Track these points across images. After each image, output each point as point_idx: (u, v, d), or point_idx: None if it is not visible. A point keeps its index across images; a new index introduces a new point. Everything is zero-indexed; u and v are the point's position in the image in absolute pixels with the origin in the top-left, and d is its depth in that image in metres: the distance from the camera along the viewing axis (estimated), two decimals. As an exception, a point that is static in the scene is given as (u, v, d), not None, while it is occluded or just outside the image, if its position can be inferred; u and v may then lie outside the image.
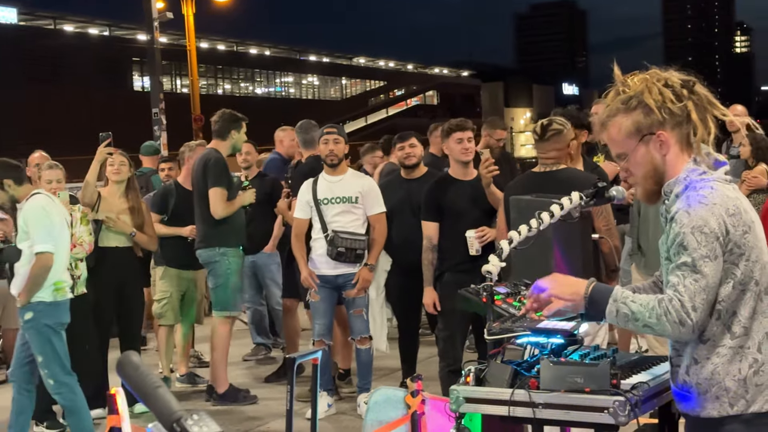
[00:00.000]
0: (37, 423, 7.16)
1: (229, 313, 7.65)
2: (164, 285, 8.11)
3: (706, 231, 2.68)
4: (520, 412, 3.12)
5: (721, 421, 2.74)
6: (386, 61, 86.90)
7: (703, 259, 2.68)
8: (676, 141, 2.81)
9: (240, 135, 7.74)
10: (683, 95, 2.79)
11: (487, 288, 3.42)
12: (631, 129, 2.84)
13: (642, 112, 2.81)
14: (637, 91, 2.81)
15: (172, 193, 8.18)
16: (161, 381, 1.77)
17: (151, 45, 23.06)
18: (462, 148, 6.51)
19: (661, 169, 2.83)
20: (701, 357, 2.76)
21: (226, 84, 68.68)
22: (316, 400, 4.36)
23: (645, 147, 2.83)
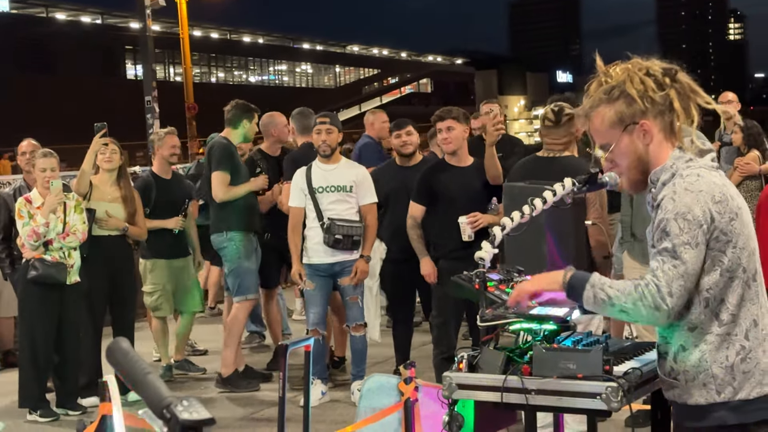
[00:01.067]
0: (30, 411, 7.16)
1: (245, 297, 7.65)
2: (155, 277, 8.09)
3: (689, 218, 2.68)
4: (512, 398, 3.12)
5: (708, 408, 2.74)
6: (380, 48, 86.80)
7: (683, 246, 2.68)
8: (660, 130, 2.81)
9: (251, 125, 7.81)
10: (665, 84, 2.79)
11: (480, 274, 3.41)
12: (614, 119, 2.83)
13: (624, 102, 2.80)
14: (619, 81, 2.81)
15: (151, 185, 8.11)
16: (150, 367, 1.76)
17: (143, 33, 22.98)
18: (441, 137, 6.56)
19: (645, 158, 2.83)
20: (689, 344, 2.76)
21: (219, 72, 68.53)
22: (308, 387, 4.36)
23: (628, 137, 2.82)
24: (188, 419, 1.61)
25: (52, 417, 7.13)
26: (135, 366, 1.71)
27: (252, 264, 7.74)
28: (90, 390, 7.36)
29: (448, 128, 6.52)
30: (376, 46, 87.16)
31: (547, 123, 5.58)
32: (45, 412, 7.15)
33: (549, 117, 5.57)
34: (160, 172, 8.16)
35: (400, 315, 7.51)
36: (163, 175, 8.13)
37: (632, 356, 3.29)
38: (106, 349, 1.83)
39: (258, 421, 6.89)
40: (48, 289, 7.10)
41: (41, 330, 7.15)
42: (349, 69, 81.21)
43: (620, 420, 6.00)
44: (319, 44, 78.49)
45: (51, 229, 7.08)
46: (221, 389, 7.66)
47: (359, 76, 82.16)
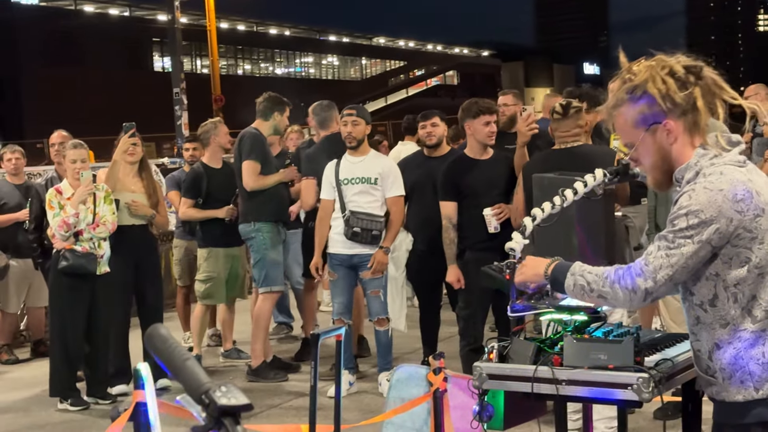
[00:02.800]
0: (61, 400, 7.23)
1: (270, 288, 7.69)
2: (210, 266, 8.14)
3: (700, 216, 2.65)
4: (543, 388, 3.13)
5: (746, 405, 2.71)
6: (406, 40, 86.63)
7: (684, 239, 2.67)
8: (684, 129, 2.77)
9: (282, 118, 7.85)
10: (689, 82, 2.75)
11: (511, 265, 3.41)
12: (637, 119, 2.80)
13: (647, 102, 2.77)
14: (642, 80, 2.77)
15: (201, 175, 8.14)
16: (189, 354, 1.78)
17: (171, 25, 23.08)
18: (489, 131, 6.50)
19: (669, 157, 2.80)
20: (723, 342, 2.73)
21: (246, 64, 68.69)
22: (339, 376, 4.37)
23: (652, 136, 2.80)
24: (226, 404, 1.63)
25: (82, 406, 7.20)
26: (174, 352, 1.73)
27: (278, 256, 7.77)
28: (119, 379, 7.43)
29: (495, 122, 6.56)
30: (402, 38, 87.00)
31: (556, 116, 5.71)
32: (75, 401, 7.22)
33: (557, 110, 5.70)
34: (211, 162, 8.20)
35: (426, 306, 7.51)
36: (214, 165, 8.17)
37: (663, 347, 3.29)
38: (145, 334, 1.86)
39: (286, 410, 6.93)
40: (78, 279, 7.16)
41: (72, 320, 7.21)
42: (376, 61, 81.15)
43: (649, 412, 5.99)
44: (346, 36, 78.46)
45: (81, 220, 7.13)
46: (250, 379, 7.70)
47: (385, 68, 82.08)
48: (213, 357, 8.61)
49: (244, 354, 8.32)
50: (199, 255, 8.28)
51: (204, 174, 8.14)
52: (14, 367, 8.78)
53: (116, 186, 7.44)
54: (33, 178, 10.33)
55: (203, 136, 8.37)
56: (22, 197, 8.65)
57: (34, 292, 8.96)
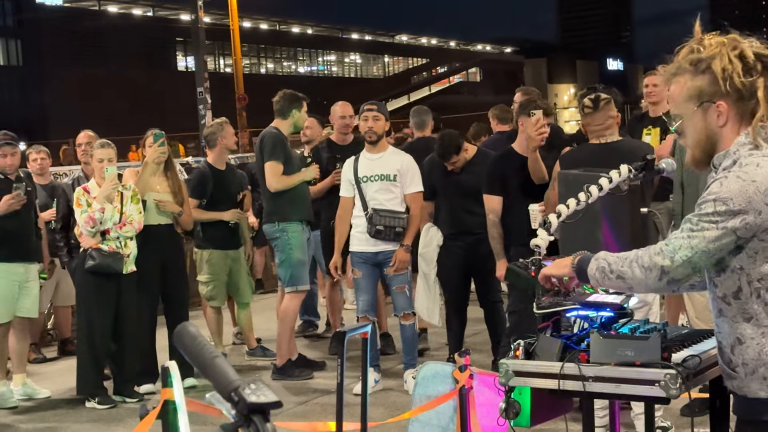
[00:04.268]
0: (89, 399, 7.28)
1: (296, 288, 7.68)
2: (211, 267, 8.16)
3: (729, 204, 2.60)
4: (570, 385, 3.11)
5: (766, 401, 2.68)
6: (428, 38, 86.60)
7: (708, 223, 2.63)
8: (736, 114, 2.70)
9: (301, 114, 7.80)
10: (756, 69, 2.68)
11: (536, 262, 3.40)
12: (693, 93, 2.73)
13: (708, 78, 2.70)
14: (709, 55, 2.70)
15: (208, 176, 8.13)
16: (218, 351, 1.80)
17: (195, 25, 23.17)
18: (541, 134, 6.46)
19: (714, 138, 2.74)
20: (746, 337, 2.69)
21: (269, 63, 68.93)
22: (366, 374, 4.39)
23: (702, 113, 2.73)
24: (256, 402, 1.64)
25: (110, 404, 7.24)
26: (203, 350, 1.74)
27: (304, 255, 7.78)
28: (146, 377, 7.47)
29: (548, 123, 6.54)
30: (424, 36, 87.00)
31: (587, 110, 5.65)
32: (103, 399, 7.26)
33: (587, 105, 5.65)
34: (216, 163, 8.19)
35: (454, 303, 7.50)
36: (218, 166, 8.17)
37: (690, 343, 3.26)
38: (174, 333, 1.87)
39: (312, 408, 6.94)
40: (105, 278, 7.20)
41: (98, 319, 7.26)
42: (398, 59, 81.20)
43: (675, 409, 5.96)
44: (368, 34, 78.55)
45: (108, 219, 7.18)
46: (275, 377, 7.73)
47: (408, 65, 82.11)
48: (238, 355, 8.64)
49: (269, 352, 8.34)
50: (199, 257, 8.26)
51: (210, 175, 8.14)
52: (42, 366, 8.83)
53: (144, 189, 7.49)
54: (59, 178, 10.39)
55: (209, 137, 8.37)
56: (48, 197, 8.70)
57: (61, 291, 9.02)
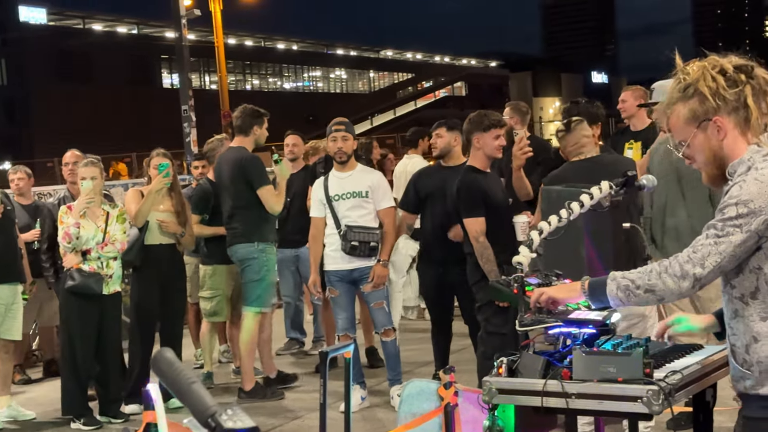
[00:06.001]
0: (74, 419, 7.24)
1: (261, 309, 7.65)
2: (215, 283, 8.14)
3: (750, 206, 2.70)
4: (553, 402, 3.12)
5: None
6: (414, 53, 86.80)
7: (733, 227, 2.71)
8: (734, 126, 2.82)
9: (262, 130, 7.72)
10: (740, 80, 2.81)
11: (518, 279, 3.41)
12: (689, 116, 2.86)
13: (698, 99, 2.84)
14: (694, 79, 2.84)
15: (209, 192, 8.12)
16: (196, 377, 1.79)
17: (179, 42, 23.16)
18: (498, 144, 6.45)
19: (720, 153, 2.85)
20: (762, 335, 2.75)
21: (254, 79, 68.93)
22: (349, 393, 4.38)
23: (703, 133, 2.85)
24: (232, 428, 1.64)
25: (95, 425, 7.21)
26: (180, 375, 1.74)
27: (276, 277, 7.81)
28: (134, 398, 7.43)
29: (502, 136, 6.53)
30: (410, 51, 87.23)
31: (560, 134, 5.87)
32: (88, 420, 7.23)
33: (561, 129, 5.88)
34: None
35: (439, 319, 7.49)
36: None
37: (673, 359, 3.28)
38: (151, 359, 1.86)
39: (299, 427, 6.92)
40: (86, 299, 7.17)
41: (80, 339, 7.23)
42: (383, 74, 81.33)
43: (662, 422, 5.97)
44: (353, 49, 78.69)
45: (90, 238, 7.16)
46: (242, 401, 7.57)
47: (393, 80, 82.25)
48: (225, 374, 8.61)
49: (257, 370, 8.32)
50: (203, 272, 8.26)
51: (211, 191, 8.14)
52: (27, 386, 8.79)
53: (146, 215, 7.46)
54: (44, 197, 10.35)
55: (209, 153, 8.38)
56: (30, 218, 8.67)
57: (45, 311, 8.98)
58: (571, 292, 3.14)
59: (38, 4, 54.37)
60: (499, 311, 6.20)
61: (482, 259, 6.19)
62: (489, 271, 6.17)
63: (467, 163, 6.54)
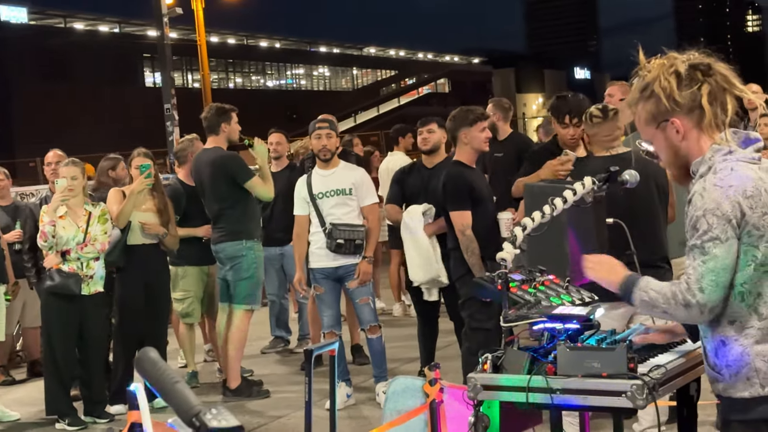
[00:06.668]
0: (59, 420, 7.21)
1: (251, 307, 7.65)
2: (186, 284, 8.13)
3: (718, 213, 2.68)
4: (538, 398, 3.13)
5: (753, 401, 2.73)
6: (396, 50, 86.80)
7: (713, 241, 2.69)
8: (693, 126, 2.82)
9: (231, 126, 7.67)
10: (695, 79, 2.78)
11: (502, 275, 3.42)
12: (647, 117, 2.87)
13: (654, 100, 2.83)
14: (651, 79, 2.83)
15: (180, 192, 8.11)
16: (179, 376, 1.79)
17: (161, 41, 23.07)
18: (485, 137, 6.45)
19: (683, 152, 2.85)
20: (730, 339, 2.75)
21: (237, 77, 68.77)
22: (334, 391, 4.38)
23: (662, 133, 2.86)
24: (217, 427, 1.63)
25: (80, 425, 7.18)
26: (163, 375, 1.73)
27: (262, 275, 7.81)
28: (119, 397, 7.41)
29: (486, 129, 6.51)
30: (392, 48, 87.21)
31: (596, 120, 5.45)
32: (73, 420, 7.20)
33: (595, 114, 5.45)
34: (188, 179, 8.15)
35: (424, 316, 7.50)
36: (190, 183, 8.10)
37: (657, 353, 3.29)
38: (135, 359, 1.86)
39: (284, 425, 6.92)
40: (66, 299, 7.14)
41: (60, 340, 7.21)
42: (367, 71, 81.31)
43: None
44: (336, 47, 78.61)
45: (71, 239, 7.13)
46: (226, 400, 7.56)
47: (377, 77, 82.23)
48: (209, 373, 8.60)
49: (243, 369, 8.30)
50: (174, 273, 8.19)
51: (182, 191, 8.11)
52: (11, 387, 8.75)
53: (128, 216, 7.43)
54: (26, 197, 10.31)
55: (180, 153, 8.34)
56: (10, 219, 8.62)
57: (28, 312, 8.94)
58: (609, 281, 3.03)
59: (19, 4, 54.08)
60: (483, 307, 6.21)
61: (467, 253, 6.22)
62: (473, 265, 6.20)
63: (454, 158, 6.56)
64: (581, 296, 3.56)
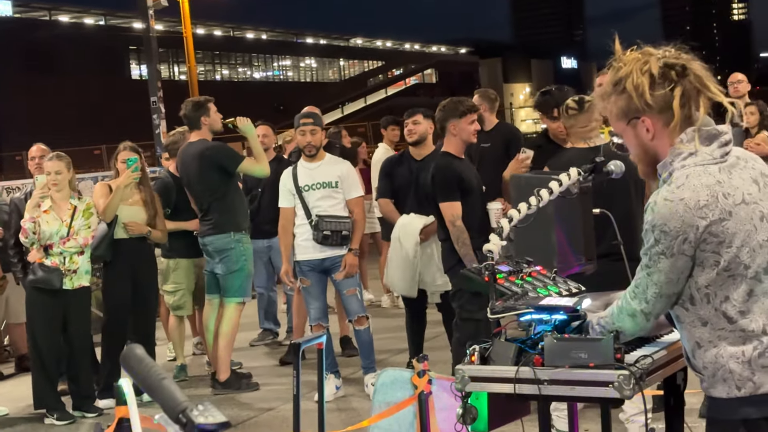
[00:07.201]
0: (47, 415, 7.20)
1: (243, 299, 7.65)
2: (178, 277, 8.12)
3: (665, 230, 2.67)
4: (525, 389, 3.13)
5: (730, 402, 2.72)
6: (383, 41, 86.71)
7: (657, 255, 2.71)
8: (662, 125, 2.76)
9: (212, 117, 7.63)
10: (668, 79, 2.72)
11: (489, 267, 3.42)
12: (619, 112, 2.81)
13: (626, 97, 2.77)
14: (624, 74, 2.77)
15: (171, 186, 8.11)
16: (165, 372, 1.78)
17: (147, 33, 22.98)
18: (474, 129, 6.45)
19: (651, 151, 2.80)
20: (704, 341, 2.74)
21: (224, 69, 68.62)
22: (322, 384, 4.39)
23: (632, 130, 2.81)
24: (204, 423, 1.63)
25: (68, 420, 7.17)
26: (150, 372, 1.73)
27: (252, 267, 7.82)
28: (108, 392, 7.40)
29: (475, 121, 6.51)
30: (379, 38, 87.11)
31: (571, 112, 5.54)
32: (61, 414, 7.19)
33: (572, 106, 5.54)
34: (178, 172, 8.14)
35: (412, 307, 7.50)
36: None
37: (643, 343, 3.30)
38: (120, 356, 1.85)
39: (273, 417, 6.93)
40: (50, 294, 7.13)
41: (43, 334, 7.20)
42: (354, 62, 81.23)
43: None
44: (323, 38, 78.48)
45: (54, 233, 7.11)
46: (217, 392, 7.57)
47: (364, 68, 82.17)
48: (198, 366, 8.60)
49: (233, 362, 8.30)
50: (165, 266, 8.19)
51: (173, 184, 8.09)
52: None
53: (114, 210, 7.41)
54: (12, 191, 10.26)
55: (171, 146, 8.32)
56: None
57: (12, 307, 8.91)
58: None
59: (4, -3, 53.82)
60: (473, 297, 6.22)
61: (458, 243, 6.22)
62: (464, 255, 6.21)
63: (442, 149, 6.56)
64: (568, 287, 3.57)
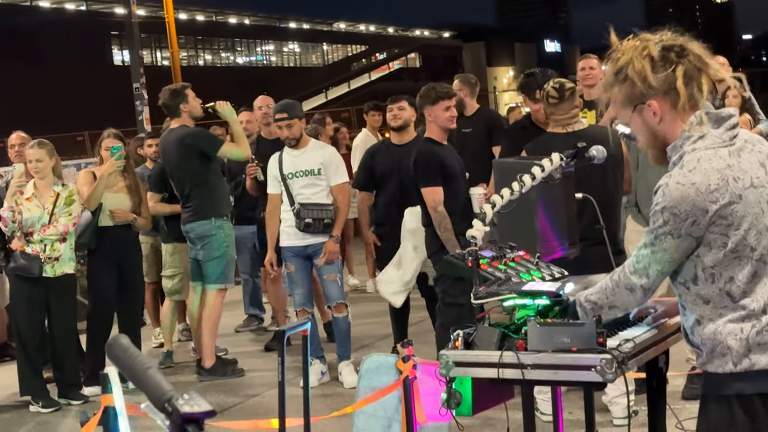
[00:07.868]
0: (33, 402, 7.20)
1: (225, 285, 7.66)
2: (176, 261, 8.13)
3: (675, 212, 2.72)
4: (509, 374, 3.15)
5: (726, 377, 2.78)
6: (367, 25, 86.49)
7: (665, 235, 2.77)
8: (669, 107, 2.80)
9: (191, 103, 7.61)
10: (669, 61, 2.77)
11: (472, 252, 3.44)
12: (624, 100, 2.86)
13: (629, 84, 2.82)
14: (624, 62, 2.82)
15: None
16: (151, 361, 1.80)
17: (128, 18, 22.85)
18: (450, 115, 6.46)
19: (660, 135, 2.85)
20: (704, 318, 2.80)
21: (206, 54, 68.28)
22: (307, 371, 4.40)
23: (639, 116, 2.85)
24: (189, 412, 1.65)
25: (54, 407, 7.17)
26: (135, 361, 1.74)
27: (235, 252, 7.82)
28: (93, 380, 7.40)
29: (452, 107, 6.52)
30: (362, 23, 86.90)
31: (552, 100, 5.56)
32: (47, 402, 7.19)
33: (552, 94, 5.55)
34: None
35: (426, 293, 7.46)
36: None
37: (626, 327, 3.33)
38: (105, 345, 1.86)
39: (258, 404, 6.94)
40: (31, 281, 7.11)
41: (25, 322, 7.20)
42: (337, 46, 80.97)
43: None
44: (306, 23, 78.17)
45: (36, 221, 7.09)
46: (202, 379, 7.60)
47: (347, 53, 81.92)
48: (184, 352, 8.60)
49: (219, 348, 8.31)
50: (164, 250, 8.24)
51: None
52: (-17, 371, 8.72)
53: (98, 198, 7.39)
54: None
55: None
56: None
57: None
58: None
59: (-17, -18, 53.40)
60: (456, 282, 6.24)
61: (440, 229, 6.23)
62: (447, 240, 6.21)
63: (425, 135, 6.57)
64: (551, 272, 3.60)
